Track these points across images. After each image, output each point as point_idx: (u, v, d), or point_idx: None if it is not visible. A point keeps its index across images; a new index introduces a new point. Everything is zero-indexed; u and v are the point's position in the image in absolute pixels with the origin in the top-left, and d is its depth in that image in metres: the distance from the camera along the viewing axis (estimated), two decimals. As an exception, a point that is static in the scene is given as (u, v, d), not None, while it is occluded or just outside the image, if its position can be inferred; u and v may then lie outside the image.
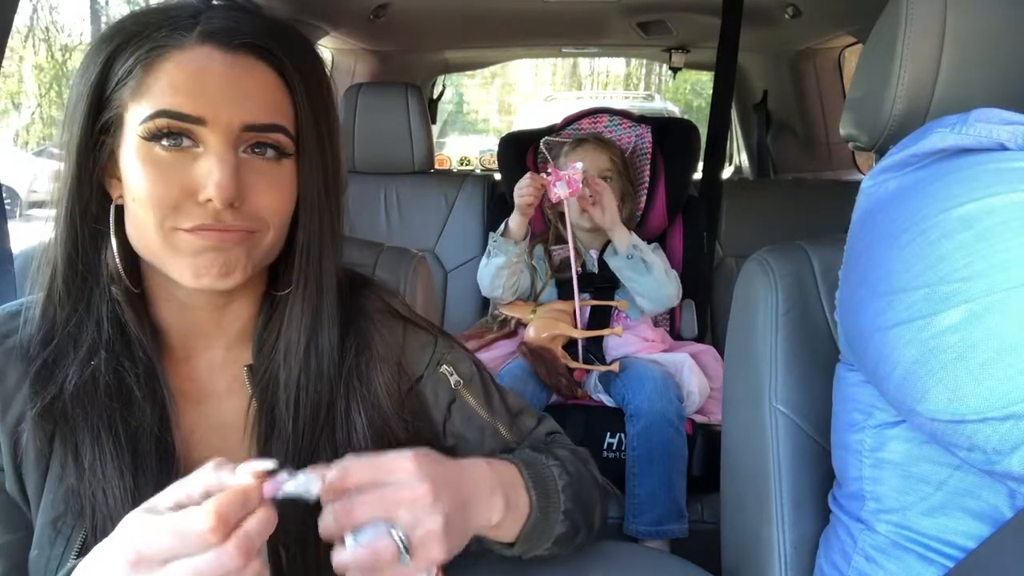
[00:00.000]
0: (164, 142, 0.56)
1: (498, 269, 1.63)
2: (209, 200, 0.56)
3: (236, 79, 0.57)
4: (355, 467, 0.52)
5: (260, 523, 0.47)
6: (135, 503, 0.52)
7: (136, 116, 0.56)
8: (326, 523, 0.51)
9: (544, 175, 1.55)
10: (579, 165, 1.52)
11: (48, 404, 0.59)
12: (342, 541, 0.51)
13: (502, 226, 1.66)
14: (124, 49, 0.57)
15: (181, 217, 0.57)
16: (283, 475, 0.49)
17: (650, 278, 1.57)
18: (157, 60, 0.56)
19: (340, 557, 0.51)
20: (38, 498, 0.61)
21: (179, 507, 0.47)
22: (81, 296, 0.61)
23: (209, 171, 0.56)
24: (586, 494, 0.71)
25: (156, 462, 0.61)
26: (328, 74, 0.65)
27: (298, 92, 0.61)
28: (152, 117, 0.56)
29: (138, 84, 0.56)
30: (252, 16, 0.60)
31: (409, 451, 0.55)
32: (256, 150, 0.59)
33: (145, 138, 0.56)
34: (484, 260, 1.67)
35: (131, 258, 0.62)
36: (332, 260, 0.66)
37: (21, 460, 0.60)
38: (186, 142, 0.57)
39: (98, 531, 0.58)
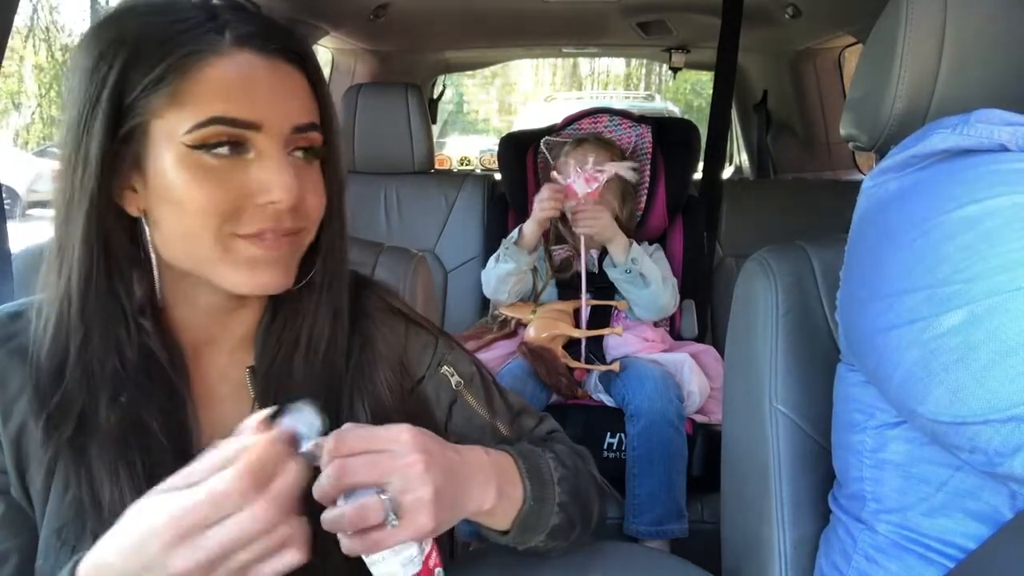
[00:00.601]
0: (216, 149, 0.55)
1: (507, 275, 1.63)
2: (271, 203, 0.57)
3: (280, 82, 0.58)
4: (352, 436, 0.53)
5: (291, 476, 0.47)
6: None
7: (178, 125, 0.55)
8: (320, 485, 0.51)
9: (560, 177, 1.56)
10: (606, 172, 1.54)
11: (66, 443, 0.58)
12: (335, 504, 0.52)
13: (515, 232, 1.66)
14: (142, 54, 0.55)
15: (240, 223, 0.57)
16: (288, 419, 0.50)
17: (647, 291, 1.59)
18: (195, 65, 0.55)
19: (329, 514, 0.51)
20: (43, 505, 0.60)
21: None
22: (95, 326, 0.59)
23: (271, 175, 0.57)
24: (582, 489, 0.72)
25: None
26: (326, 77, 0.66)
27: (322, 93, 0.63)
28: (203, 124, 0.55)
29: (175, 90, 0.54)
30: (266, 19, 0.60)
31: (406, 424, 0.56)
32: (297, 152, 0.60)
33: (193, 146, 0.55)
34: (492, 263, 1.67)
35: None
36: (346, 260, 0.68)
37: (26, 467, 0.60)
38: (239, 148, 0.57)
39: None
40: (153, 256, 0.60)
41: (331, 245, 0.66)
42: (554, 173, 1.60)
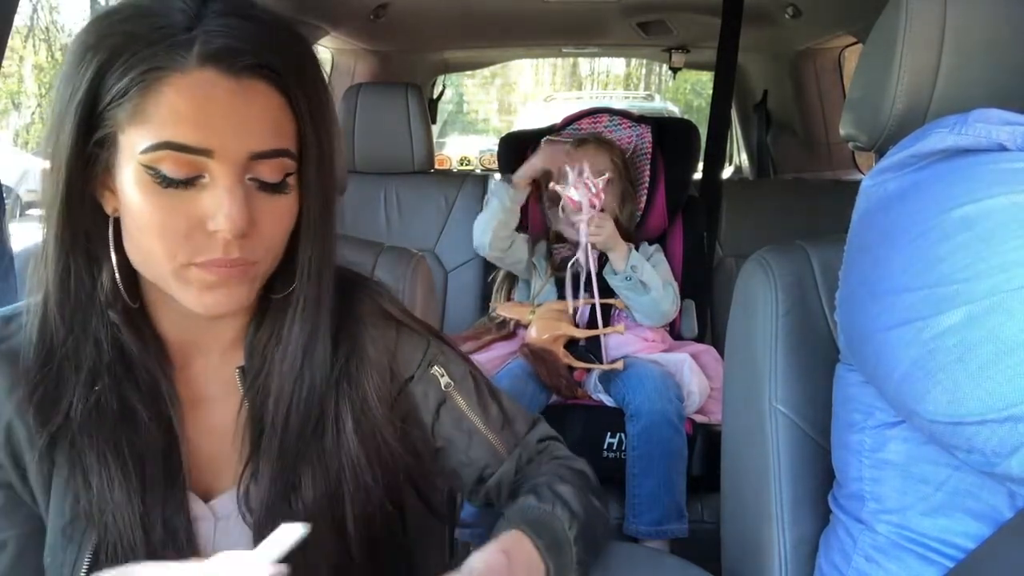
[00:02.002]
0: (168, 173, 0.54)
1: (492, 212, 1.66)
2: (217, 231, 0.55)
3: (241, 105, 0.55)
4: None
5: None
6: (144, 523, 0.55)
7: (136, 142, 0.54)
8: None
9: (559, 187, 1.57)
10: (604, 177, 1.55)
11: (55, 432, 0.59)
12: None
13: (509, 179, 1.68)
14: (115, 62, 0.53)
15: (192, 251, 0.56)
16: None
17: (647, 298, 1.59)
18: (156, 83, 0.53)
19: None
20: (45, 498, 0.61)
21: None
22: (75, 319, 0.60)
23: (218, 203, 0.55)
24: (592, 529, 0.70)
25: (163, 480, 0.61)
26: (326, 77, 0.63)
27: (302, 111, 0.59)
28: (155, 148, 0.53)
29: (136, 107, 0.53)
30: (251, 27, 0.56)
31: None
32: (260, 180, 0.58)
33: (147, 167, 0.54)
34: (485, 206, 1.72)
35: (128, 272, 0.61)
36: (329, 272, 0.65)
37: (24, 464, 0.60)
38: (191, 173, 0.55)
39: (108, 548, 0.59)
40: (114, 256, 0.59)
41: (309, 265, 0.63)
42: (552, 184, 1.60)
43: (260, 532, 0.62)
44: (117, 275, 0.60)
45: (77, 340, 0.60)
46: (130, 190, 0.55)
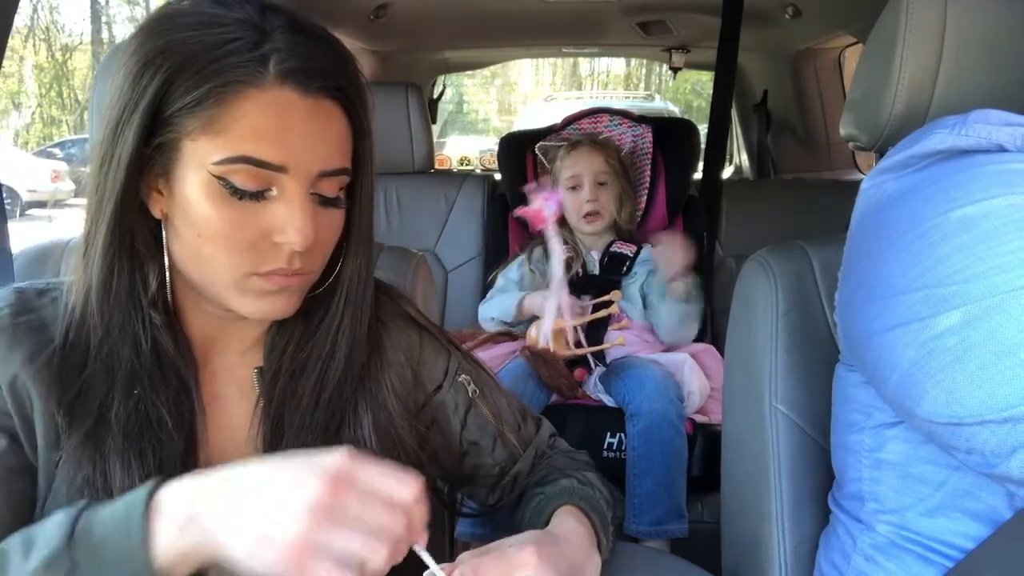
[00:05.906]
0: (241, 186, 0.56)
1: (497, 311, 1.67)
2: (285, 243, 0.57)
3: (316, 125, 0.57)
4: (484, 566, 0.55)
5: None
6: None
7: (209, 152, 0.55)
8: None
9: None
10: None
11: (87, 432, 0.59)
12: None
13: (521, 297, 1.65)
14: (186, 70, 0.54)
15: (256, 261, 0.58)
16: None
17: (675, 320, 1.61)
18: (233, 96, 0.54)
19: None
20: (48, 464, 0.59)
21: None
22: (114, 318, 0.60)
23: (289, 217, 0.57)
24: (615, 513, 0.75)
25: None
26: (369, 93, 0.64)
27: (360, 131, 0.62)
28: (233, 161, 0.55)
29: (211, 118, 0.54)
30: (321, 48, 0.59)
31: (527, 545, 0.57)
32: (321, 195, 0.60)
33: (218, 176, 0.55)
34: (491, 293, 1.71)
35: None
36: (372, 280, 0.68)
37: (32, 420, 0.59)
38: (262, 186, 0.56)
39: None
40: (166, 259, 0.61)
41: (356, 280, 0.66)
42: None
43: None
44: (169, 281, 0.61)
45: (115, 341, 0.60)
46: (196, 198, 0.56)
